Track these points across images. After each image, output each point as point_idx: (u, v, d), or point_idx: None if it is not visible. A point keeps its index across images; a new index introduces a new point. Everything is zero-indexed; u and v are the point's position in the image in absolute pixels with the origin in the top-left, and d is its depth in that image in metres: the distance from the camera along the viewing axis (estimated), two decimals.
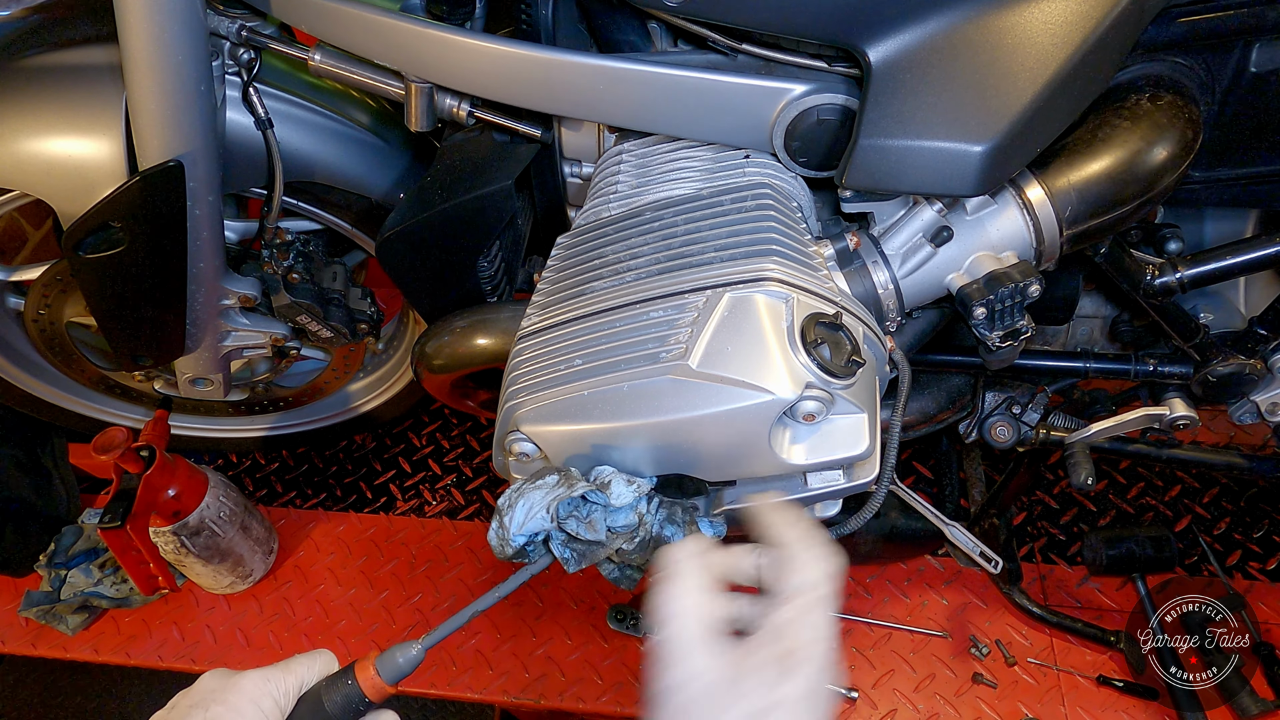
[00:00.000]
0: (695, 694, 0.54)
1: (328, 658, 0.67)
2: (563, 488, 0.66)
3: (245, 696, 0.62)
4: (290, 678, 0.64)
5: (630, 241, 0.84)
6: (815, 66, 0.85)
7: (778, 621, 0.56)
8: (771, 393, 0.65)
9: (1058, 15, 0.75)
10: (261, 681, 0.63)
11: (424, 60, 0.94)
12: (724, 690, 0.53)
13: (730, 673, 0.54)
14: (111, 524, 1.28)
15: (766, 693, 0.53)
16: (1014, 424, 1.17)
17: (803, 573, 0.58)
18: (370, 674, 0.64)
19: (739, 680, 0.54)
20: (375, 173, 1.26)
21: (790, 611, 0.56)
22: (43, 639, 1.56)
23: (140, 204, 1.04)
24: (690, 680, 0.54)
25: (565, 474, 0.68)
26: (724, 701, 0.53)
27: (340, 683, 0.64)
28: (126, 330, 1.20)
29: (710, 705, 0.53)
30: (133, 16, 0.91)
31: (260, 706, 0.62)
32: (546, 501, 0.65)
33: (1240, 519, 1.52)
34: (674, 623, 0.57)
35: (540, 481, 0.67)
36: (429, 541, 1.64)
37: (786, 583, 0.58)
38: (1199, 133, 0.88)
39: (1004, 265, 0.83)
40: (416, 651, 0.65)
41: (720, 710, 0.53)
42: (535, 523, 0.65)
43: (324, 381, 1.65)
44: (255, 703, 0.62)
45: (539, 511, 0.65)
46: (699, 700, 0.54)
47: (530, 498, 0.66)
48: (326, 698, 0.64)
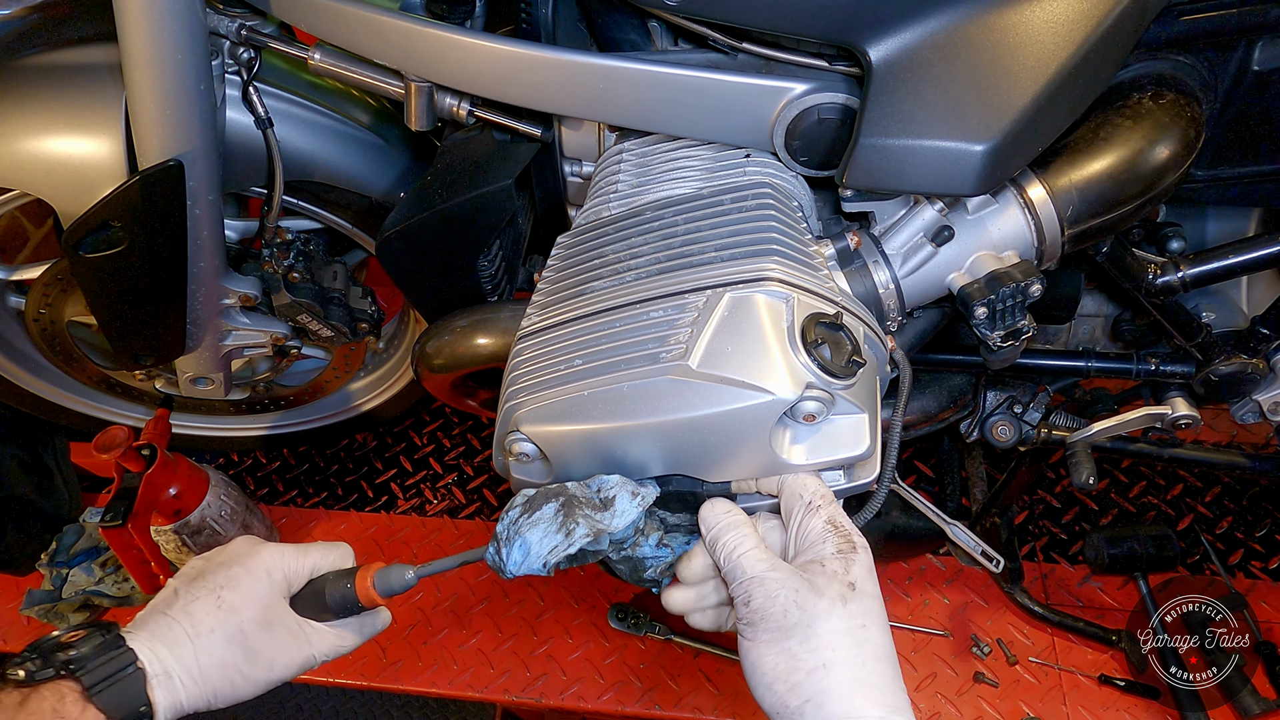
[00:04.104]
0: (786, 602, 0.60)
1: (344, 551, 0.78)
2: (561, 536, 0.66)
3: (261, 564, 0.73)
4: (306, 561, 0.75)
5: (630, 241, 0.84)
6: (816, 65, 0.85)
7: (817, 525, 0.64)
8: (772, 393, 0.65)
9: (1059, 14, 0.74)
10: (279, 556, 0.74)
11: (424, 59, 0.94)
12: (808, 588, 0.60)
13: (806, 573, 0.61)
14: (113, 523, 1.28)
15: (844, 575, 0.61)
16: (1015, 423, 1.17)
17: (810, 485, 0.67)
18: (368, 583, 0.73)
19: (815, 577, 0.61)
20: (375, 172, 1.26)
21: (823, 514, 0.65)
22: None
23: (140, 203, 1.04)
24: (777, 593, 0.60)
25: (565, 503, 0.68)
26: (812, 597, 0.59)
27: (342, 583, 0.74)
28: (127, 329, 1.20)
29: (802, 604, 0.59)
30: (132, 16, 0.91)
31: (271, 576, 0.73)
32: (544, 554, 0.66)
33: (1242, 518, 1.52)
34: (742, 559, 0.63)
35: (538, 514, 0.67)
36: (430, 540, 1.64)
37: (800, 497, 0.66)
38: (1201, 131, 0.87)
39: (1005, 265, 0.83)
40: (411, 575, 0.74)
41: (810, 605, 0.59)
42: (530, 568, 0.67)
43: (325, 380, 1.65)
44: (268, 572, 0.73)
45: (536, 562, 0.67)
46: (792, 605, 0.59)
47: (527, 539, 0.67)
48: (328, 590, 0.74)
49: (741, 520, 0.66)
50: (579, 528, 0.66)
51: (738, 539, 0.64)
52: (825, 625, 0.58)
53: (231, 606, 0.70)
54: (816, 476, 0.68)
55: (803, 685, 0.57)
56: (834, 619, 0.59)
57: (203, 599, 0.70)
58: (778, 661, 0.59)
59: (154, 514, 1.38)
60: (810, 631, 0.58)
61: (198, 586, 0.71)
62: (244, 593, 0.71)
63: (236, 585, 0.71)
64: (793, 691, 0.58)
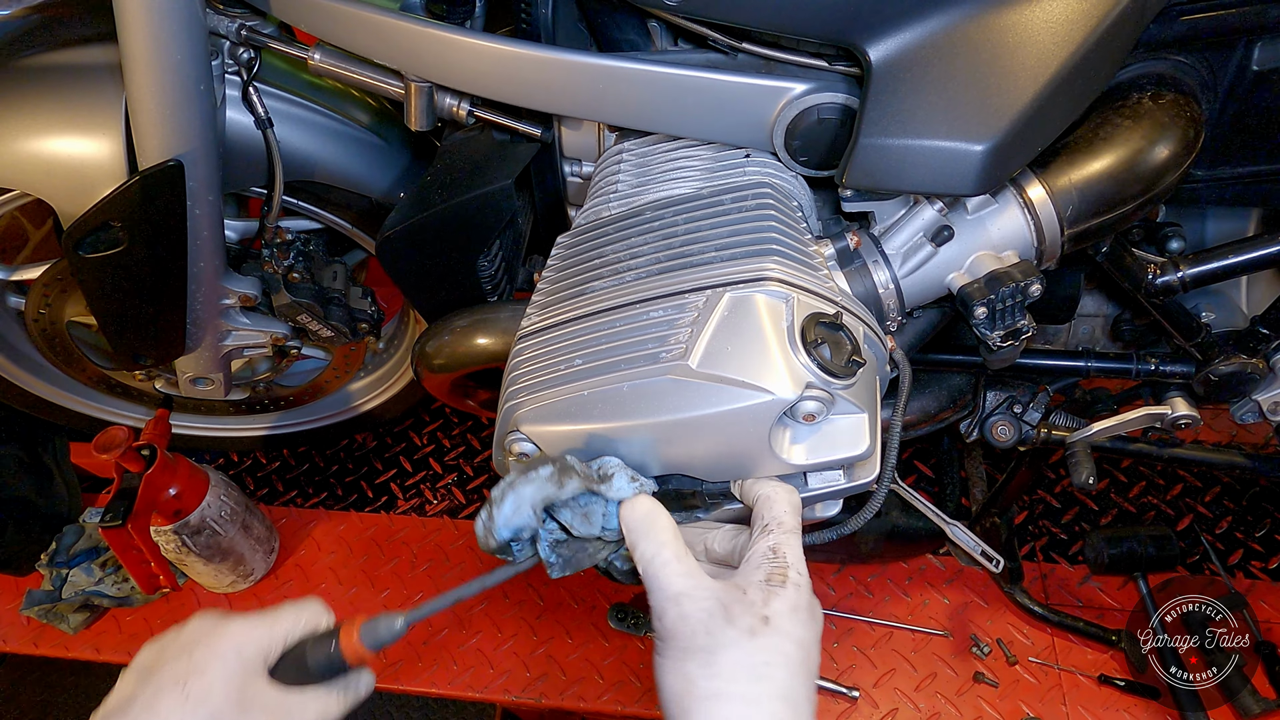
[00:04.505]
0: (695, 624, 0.58)
1: (316, 608, 0.69)
2: (553, 486, 0.65)
3: (229, 643, 0.63)
4: (278, 629, 0.66)
5: (630, 241, 0.84)
6: (816, 65, 0.85)
7: (761, 549, 0.62)
8: (771, 393, 0.65)
9: (1059, 14, 0.74)
10: (247, 630, 0.65)
11: (424, 59, 0.94)
12: (721, 614, 0.58)
13: (724, 597, 0.59)
14: (113, 523, 1.28)
15: (760, 608, 0.58)
16: (1015, 423, 1.17)
17: (775, 507, 0.65)
18: (354, 639, 0.65)
19: (731, 604, 0.58)
20: (375, 172, 1.26)
21: (771, 539, 0.62)
22: (44, 638, 1.56)
23: (140, 204, 1.04)
24: (690, 614, 0.58)
25: (561, 466, 0.66)
26: (722, 624, 0.58)
27: (324, 643, 0.66)
28: (127, 329, 1.20)
29: (710, 629, 0.58)
30: (132, 16, 0.91)
31: (242, 654, 0.63)
32: (534, 499, 0.64)
33: (1242, 518, 1.52)
34: (660, 571, 0.61)
35: (532, 474, 0.66)
36: (430, 540, 1.64)
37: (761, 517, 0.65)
38: (1201, 131, 0.87)
39: (1005, 264, 0.83)
40: (400, 624, 0.66)
41: (719, 631, 0.57)
42: (521, 518, 0.64)
43: (325, 380, 1.65)
44: (238, 649, 0.63)
45: (525, 507, 0.64)
46: (700, 628, 0.58)
47: (520, 492, 0.65)
48: (310, 655, 0.65)
49: (662, 525, 0.63)
50: (572, 482, 0.65)
51: (655, 547, 0.62)
52: (726, 656, 0.57)
53: (200, 696, 0.61)
54: (790, 497, 0.66)
55: (691, 712, 0.56)
56: (736, 651, 0.57)
57: (167, 692, 0.61)
58: (674, 683, 0.58)
59: (154, 514, 1.38)
60: (711, 659, 0.57)
61: (159, 678, 0.62)
62: (213, 677, 0.62)
63: (203, 671, 0.62)
64: (682, 716, 0.57)
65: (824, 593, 1.46)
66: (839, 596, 1.46)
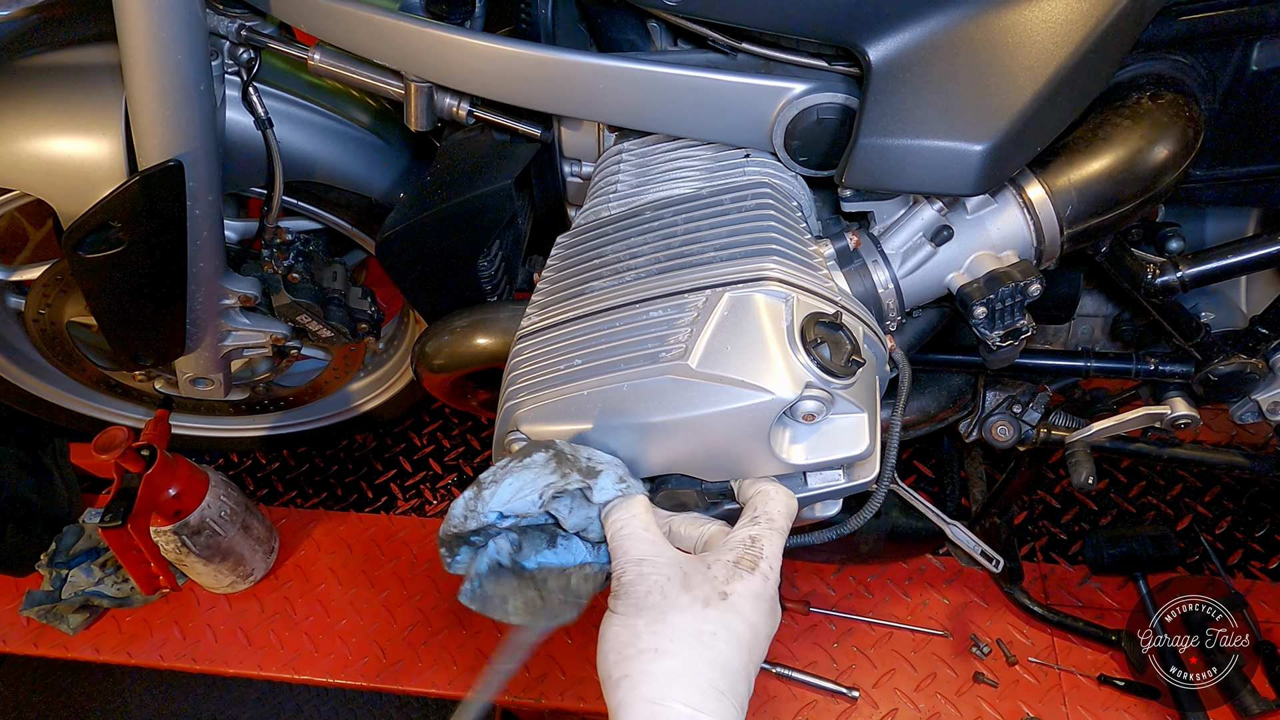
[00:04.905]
0: (651, 584, 0.60)
1: None
2: (555, 475, 0.65)
3: None
4: None
5: (630, 241, 0.84)
6: (815, 65, 0.85)
7: (741, 535, 0.63)
8: (771, 392, 0.65)
9: (1058, 14, 0.75)
10: None
11: (423, 59, 0.94)
12: (679, 580, 0.60)
13: (686, 567, 0.61)
14: (112, 523, 1.28)
15: (722, 584, 0.59)
16: (1015, 423, 1.17)
17: (769, 504, 0.65)
18: None
19: (692, 574, 0.60)
20: (375, 172, 1.26)
21: (755, 530, 0.63)
22: (44, 638, 1.56)
23: (140, 204, 1.04)
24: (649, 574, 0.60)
25: (557, 454, 0.66)
26: (678, 589, 0.59)
27: None
28: (127, 330, 1.20)
29: (666, 591, 0.59)
30: (132, 16, 0.91)
31: None
32: (540, 485, 0.64)
33: (1242, 518, 1.52)
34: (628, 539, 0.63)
35: (528, 460, 0.66)
36: (430, 540, 1.64)
37: (753, 509, 0.65)
38: (1200, 131, 0.87)
39: (1004, 264, 0.83)
40: None
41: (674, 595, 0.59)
42: (523, 504, 0.64)
43: (324, 381, 1.65)
44: None
45: (530, 494, 0.64)
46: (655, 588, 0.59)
47: (521, 477, 0.65)
48: None
49: (636, 501, 0.66)
50: (574, 475, 0.65)
51: (626, 517, 0.64)
52: (675, 618, 0.58)
53: None
54: (788, 501, 0.67)
55: (629, 661, 0.57)
56: (686, 615, 0.58)
57: None
58: (619, 633, 0.59)
59: (154, 514, 1.38)
60: (659, 617, 0.58)
61: None
62: None
63: None
64: (619, 664, 0.58)
65: (824, 593, 1.46)
66: (839, 596, 1.46)
